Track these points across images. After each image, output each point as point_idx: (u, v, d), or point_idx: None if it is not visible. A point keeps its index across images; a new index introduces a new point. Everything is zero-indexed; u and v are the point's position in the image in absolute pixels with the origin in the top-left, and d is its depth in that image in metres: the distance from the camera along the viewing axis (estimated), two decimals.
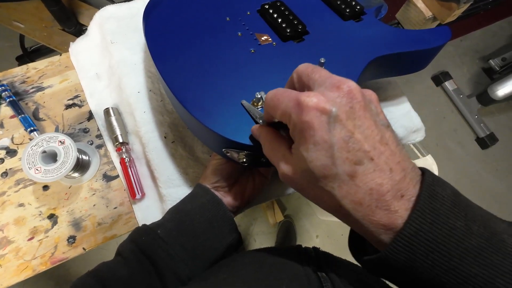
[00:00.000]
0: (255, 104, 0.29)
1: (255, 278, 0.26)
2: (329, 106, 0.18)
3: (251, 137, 0.28)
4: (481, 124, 1.45)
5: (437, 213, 0.17)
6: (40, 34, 1.06)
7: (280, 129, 0.25)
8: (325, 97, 0.19)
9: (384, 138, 0.19)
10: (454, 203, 0.18)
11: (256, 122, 0.28)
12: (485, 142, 1.42)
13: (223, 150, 0.30)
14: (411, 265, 0.18)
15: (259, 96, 0.28)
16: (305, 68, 0.22)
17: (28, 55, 1.25)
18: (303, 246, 0.33)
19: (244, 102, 0.29)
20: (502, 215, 0.20)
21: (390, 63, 0.37)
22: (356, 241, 0.23)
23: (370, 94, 0.21)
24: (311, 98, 0.18)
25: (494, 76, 1.55)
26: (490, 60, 1.52)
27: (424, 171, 0.20)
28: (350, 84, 0.19)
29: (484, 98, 1.46)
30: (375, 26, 0.38)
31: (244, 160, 0.29)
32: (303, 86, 0.22)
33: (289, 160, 0.21)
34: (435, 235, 0.17)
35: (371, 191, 0.18)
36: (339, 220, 0.21)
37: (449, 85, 1.52)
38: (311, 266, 0.28)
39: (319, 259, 0.30)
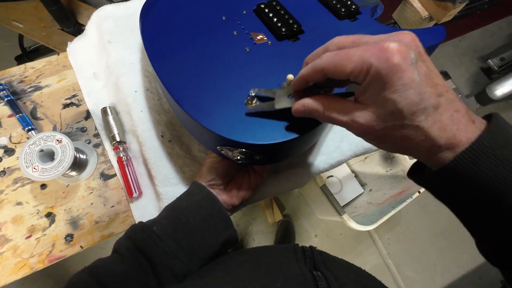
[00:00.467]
0: (250, 102, 0.29)
1: (251, 276, 0.26)
2: (409, 49, 0.20)
3: (252, 132, 0.28)
4: None
5: (507, 140, 0.20)
6: (39, 33, 1.06)
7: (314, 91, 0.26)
8: (402, 42, 0.20)
9: (441, 76, 0.22)
10: None
11: (279, 110, 0.27)
12: None
13: (218, 148, 0.30)
14: (474, 176, 0.20)
15: (253, 94, 0.29)
16: (344, 38, 0.24)
17: (27, 54, 1.26)
18: (301, 245, 0.33)
19: (249, 108, 0.29)
20: None
21: None
22: (417, 171, 0.26)
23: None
24: (394, 44, 0.20)
25: (493, 75, 1.56)
26: (489, 60, 1.53)
27: (493, 113, 0.22)
28: (410, 32, 0.22)
29: (483, 98, 1.46)
30: (371, 26, 0.38)
31: (239, 157, 0.29)
32: None
33: (365, 110, 0.22)
34: (503, 154, 0.19)
35: (451, 117, 0.21)
36: (337, 220, 0.22)
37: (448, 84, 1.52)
38: (307, 265, 0.29)
39: (315, 258, 0.30)
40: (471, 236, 0.24)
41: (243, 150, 0.29)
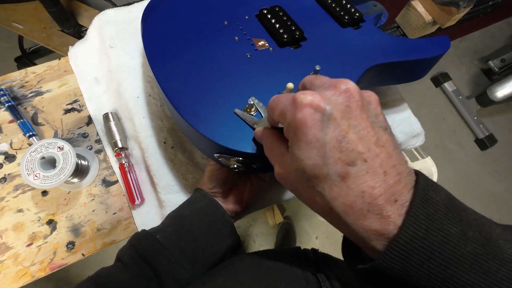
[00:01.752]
0: (248, 110, 0.29)
1: (253, 281, 0.26)
2: (323, 103, 0.18)
3: (253, 141, 0.28)
4: (480, 125, 1.45)
5: (432, 218, 0.17)
6: (39, 35, 1.06)
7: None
8: (321, 96, 0.18)
9: (380, 140, 0.19)
10: (448, 208, 0.18)
11: (252, 128, 0.28)
12: (484, 143, 1.43)
13: (215, 155, 0.30)
14: (406, 274, 0.17)
15: (251, 102, 0.29)
16: (309, 77, 0.22)
17: (27, 56, 1.25)
18: (302, 247, 0.33)
19: (237, 110, 0.29)
20: (501, 216, 0.20)
21: (387, 72, 0.37)
22: (350, 248, 0.23)
23: (370, 95, 0.21)
24: (305, 96, 0.18)
25: (493, 77, 1.56)
26: (489, 61, 1.52)
27: (418, 175, 0.19)
28: (348, 83, 0.19)
29: (483, 99, 1.46)
30: (374, 34, 0.38)
31: (235, 166, 0.29)
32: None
33: (285, 159, 0.21)
34: (430, 242, 0.17)
35: (363, 193, 0.18)
36: None
37: (448, 86, 1.52)
38: (310, 267, 0.29)
39: (318, 261, 0.30)
40: None
41: (240, 158, 0.28)
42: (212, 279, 0.29)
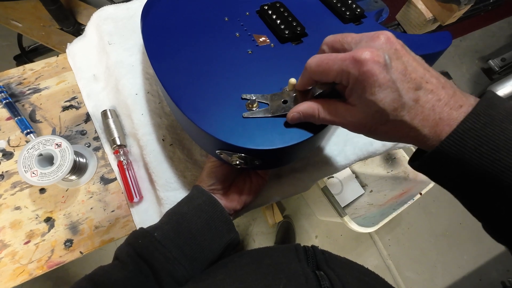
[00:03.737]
0: (250, 106, 0.29)
1: (253, 278, 0.26)
2: (381, 53, 0.22)
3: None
4: None
5: (492, 117, 0.20)
6: (38, 33, 1.06)
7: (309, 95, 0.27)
8: (375, 49, 0.22)
9: (425, 66, 0.23)
10: (510, 113, 0.21)
11: (275, 117, 0.28)
12: None
13: (217, 152, 0.30)
14: (461, 157, 0.21)
15: (253, 98, 0.28)
16: (333, 38, 0.26)
17: (26, 54, 1.25)
18: (302, 245, 0.33)
19: (245, 114, 0.28)
20: None
21: None
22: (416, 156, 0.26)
23: (398, 39, 0.24)
24: (365, 53, 0.21)
25: (494, 76, 1.55)
26: (490, 61, 1.52)
27: (486, 91, 0.23)
28: (386, 33, 0.23)
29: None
30: (375, 30, 0.38)
31: (238, 162, 0.29)
32: (339, 51, 0.25)
33: (353, 111, 0.24)
34: (486, 133, 0.20)
35: (433, 107, 0.22)
36: (338, 221, 0.22)
37: None
38: (310, 264, 0.28)
39: (317, 258, 0.30)
40: (476, 218, 0.24)
41: (242, 154, 0.28)
42: (212, 276, 0.29)
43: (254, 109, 0.28)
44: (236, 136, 0.27)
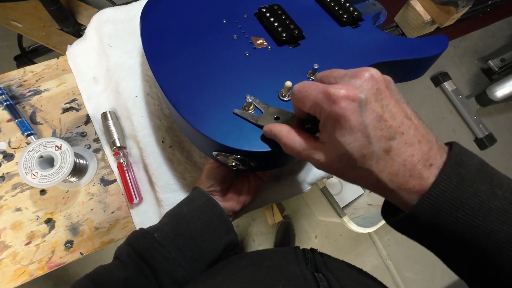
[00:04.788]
0: (246, 108, 0.29)
1: (252, 280, 0.26)
2: (358, 92, 0.20)
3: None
4: (480, 125, 1.45)
5: (462, 177, 0.19)
6: (38, 33, 1.06)
7: (302, 123, 0.26)
8: (352, 86, 0.20)
9: (407, 113, 0.21)
10: (479, 170, 0.20)
11: (257, 125, 0.28)
12: (484, 142, 1.43)
13: (213, 153, 0.30)
14: (436, 222, 0.19)
15: (250, 100, 0.29)
16: (323, 73, 0.24)
17: (26, 54, 1.25)
18: (301, 247, 0.33)
19: (236, 110, 0.29)
20: None
21: (386, 71, 0.37)
22: (389, 209, 0.25)
23: (387, 76, 0.22)
24: (340, 89, 0.20)
25: (493, 76, 1.56)
26: (489, 61, 1.52)
27: (452, 144, 0.21)
28: (370, 70, 0.21)
29: (483, 99, 1.46)
30: (372, 33, 0.38)
31: (233, 164, 0.29)
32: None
33: (322, 149, 0.23)
34: (459, 195, 0.19)
35: (404, 162, 0.20)
36: (337, 221, 0.22)
37: (448, 85, 1.52)
38: (308, 267, 0.29)
39: (316, 260, 0.30)
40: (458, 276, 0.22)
41: (238, 156, 0.29)
42: (211, 278, 0.29)
43: (250, 111, 0.29)
44: (232, 138, 0.28)
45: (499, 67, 1.50)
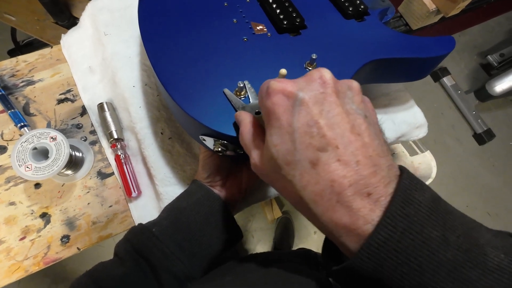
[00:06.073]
0: (238, 93, 0.28)
1: (263, 282, 0.26)
2: (295, 90, 0.18)
3: (233, 125, 0.27)
4: (479, 120, 1.45)
5: (411, 220, 0.16)
6: (32, 27, 1.03)
7: None
8: (293, 83, 0.18)
9: (355, 127, 0.18)
10: (432, 209, 0.16)
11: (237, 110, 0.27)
12: (483, 138, 1.43)
13: (200, 137, 0.29)
14: (378, 276, 0.16)
15: (241, 85, 0.28)
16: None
17: (20, 48, 1.22)
18: (303, 245, 0.32)
19: (226, 90, 0.28)
20: (498, 211, 0.19)
21: (387, 68, 0.36)
22: (331, 248, 0.21)
23: (351, 83, 0.20)
24: (277, 83, 0.18)
25: (492, 71, 1.55)
26: (488, 56, 1.52)
27: (402, 171, 0.18)
28: (322, 71, 0.19)
29: (482, 94, 1.46)
30: (377, 29, 0.37)
31: (219, 149, 0.28)
32: None
33: (260, 148, 0.21)
34: (406, 246, 0.15)
35: (332, 182, 0.16)
36: None
37: (447, 80, 1.52)
38: (321, 271, 0.28)
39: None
40: None
41: (224, 141, 0.28)
42: (219, 277, 0.28)
43: (241, 96, 0.28)
44: (219, 122, 0.27)
45: (498, 62, 1.50)
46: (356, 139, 0.17)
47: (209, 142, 0.29)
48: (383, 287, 0.16)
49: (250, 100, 0.28)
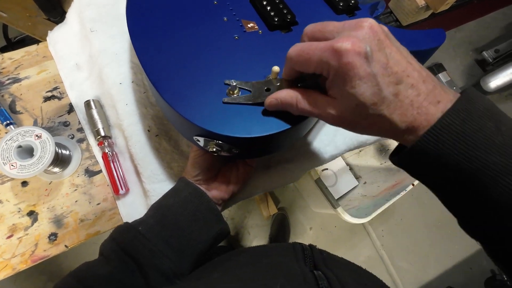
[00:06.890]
0: (231, 92, 0.28)
1: (249, 277, 0.26)
2: (363, 44, 0.20)
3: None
4: None
5: (470, 113, 0.20)
6: (24, 24, 1.02)
7: (293, 84, 0.26)
8: (356, 38, 0.21)
9: (408, 58, 0.22)
10: (487, 109, 0.20)
11: (256, 104, 0.27)
12: None
13: (194, 138, 0.29)
14: (438, 153, 0.20)
15: (234, 83, 0.27)
16: (313, 27, 0.24)
17: (12, 45, 1.21)
18: (298, 241, 0.33)
19: (225, 99, 0.28)
20: None
21: None
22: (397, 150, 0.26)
23: (383, 26, 0.23)
24: (345, 43, 0.20)
25: (487, 67, 1.56)
26: (484, 52, 1.52)
27: (466, 89, 0.22)
28: (369, 20, 0.22)
29: (477, 90, 1.46)
30: None
31: (214, 149, 0.28)
32: (320, 40, 0.23)
33: (334, 103, 0.23)
34: (464, 129, 0.20)
35: (411, 102, 0.21)
36: (332, 213, 0.21)
37: (442, 77, 1.52)
38: (307, 264, 0.28)
39: (315, 257, 0.29)
40: (452, 214, 0.23)
41: (219, 142, 0.28)
42: (207, 275, 0.28)
43: (235, 95, 0.28)
44: (213, 122, 0.27)
45: (493, 58, 1.50)
46: (413, 68, 0.22)
47: (203, 142, 0.29)
48: (440, 164, 0.20)
49: (250, 90, 0.28)
